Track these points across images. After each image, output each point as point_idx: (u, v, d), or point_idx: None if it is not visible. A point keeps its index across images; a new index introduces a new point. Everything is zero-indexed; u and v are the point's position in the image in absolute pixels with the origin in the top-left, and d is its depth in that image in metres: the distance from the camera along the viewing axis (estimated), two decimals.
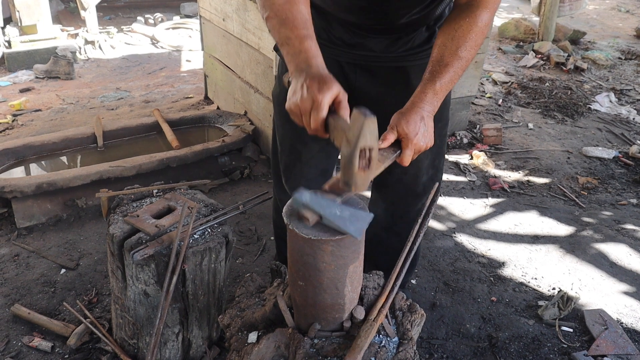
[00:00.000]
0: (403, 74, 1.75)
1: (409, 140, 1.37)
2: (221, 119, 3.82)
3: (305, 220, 1.20)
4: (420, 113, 1.40)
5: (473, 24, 1.44)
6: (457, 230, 3.05)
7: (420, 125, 1.39)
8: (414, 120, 1.38)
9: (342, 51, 1.75)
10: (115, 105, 4.68)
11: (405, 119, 1.38)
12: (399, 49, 1.72)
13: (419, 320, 1.50)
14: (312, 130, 1.26)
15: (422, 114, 1.40)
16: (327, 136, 1.26)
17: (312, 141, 1.90)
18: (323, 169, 1.98)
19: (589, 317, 2.41)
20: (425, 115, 1.40)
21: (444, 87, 1.43)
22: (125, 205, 1.99)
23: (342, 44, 1.73)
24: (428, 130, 1.41)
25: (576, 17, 8.09)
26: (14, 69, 5.56)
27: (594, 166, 3.91)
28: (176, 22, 7.39)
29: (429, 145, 1.43)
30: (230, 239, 1.93)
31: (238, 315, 1.55)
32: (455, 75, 1.44)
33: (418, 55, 1.73)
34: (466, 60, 1.44)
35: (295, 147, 1.95)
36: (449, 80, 1.43)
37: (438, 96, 1.43)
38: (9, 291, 2.41)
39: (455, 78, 1.45)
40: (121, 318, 1.99)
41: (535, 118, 4.71)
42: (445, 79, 1.42)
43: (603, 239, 3.04)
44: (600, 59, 6.24)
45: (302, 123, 1.29)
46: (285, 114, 1.88)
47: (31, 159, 3.28)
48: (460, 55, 1.43)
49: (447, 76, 1.42)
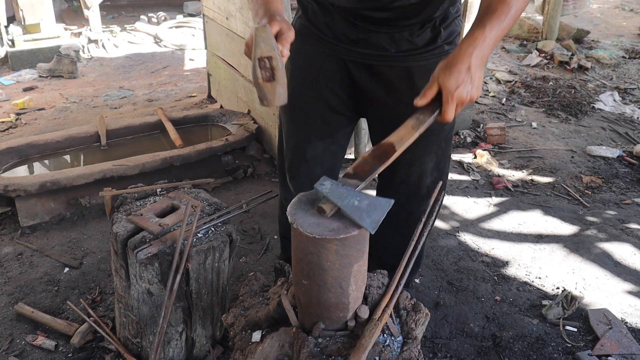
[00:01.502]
0: (407, 75, 1.73)
1: (449, 93, 1.30)
2: (224, 117, 3.82)
3: (323, 213, 1.21)
4: (467, 61, 1.31)
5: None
6: (460, 229, 3.04)
7: (465, 76, 1.31)
8: (458, 70, 1.30)
9: (346, 49, 1.73)
10: (118, 104, 4.68)
11: (449, 69, 1.31)
12: (402, 47, 1.69)
13: (424, 319, 1.50)
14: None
15: (470, 63, 1.31)
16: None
17: (317, 139, 1.90)
18: (328, 168, 1.96)
19: (593, 316, 2.41)
20: (473, 63, 1.31)
21: (494, 32, 1.33)
22: (128, 204, 1.99)
23: (346, 40, 1.72)
24: (474, 81, 1.32)
25: (580, 15, 8.06)
26: (17, 68, 5.57)
27: (598, 165, 3.90)
28: (179, 21, 7.40)
29: (473, 97, 1.35)
30: (233, 238, 1.92)
31: (242, 314, 1.55)
32: (505, 24, 1.34)
33: (422, 55, 1.70)
34: (516, 7, 1.34)
35: (300, 145, 1.94)
36: (499, 27, 1.34)
37: (487, 42, 1.33)
38: (12, 290, 2.41)
39: (505, 26, 1.34)
40: (125, 317, 1.99)
41: (539, 117, 4.70)
42: (495, 24, 1.33)
43: (607, 238, 3.02)
44: (604, 58, 6.22)
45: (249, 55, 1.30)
46: (290, 113, 1.89)
47: (34, 157, 3.28)
48: (510, 3, 1.33)
49: (496, 22, 1.33)
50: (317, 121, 1.88)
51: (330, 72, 1.80)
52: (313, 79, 1.83)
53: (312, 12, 1.78)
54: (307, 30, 1.78)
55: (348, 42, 1.72)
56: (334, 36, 1.73)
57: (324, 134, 1.91)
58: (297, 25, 1.82)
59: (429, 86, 1.34)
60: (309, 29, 1.78)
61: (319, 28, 1.76)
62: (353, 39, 1.70)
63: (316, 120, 1.88)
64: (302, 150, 1.94)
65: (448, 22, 1.71)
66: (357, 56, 1.73)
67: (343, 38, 1.72)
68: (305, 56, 1.80)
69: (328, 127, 1.90)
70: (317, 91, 1.84)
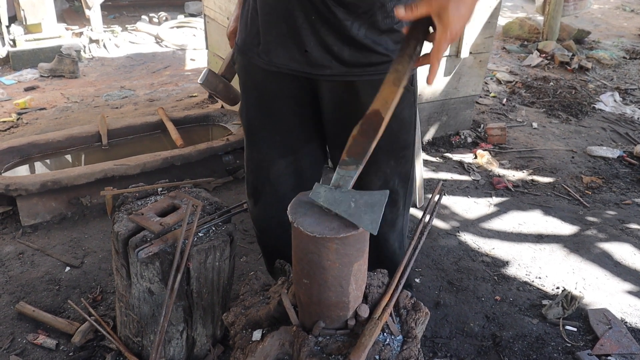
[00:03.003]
0: (352, 91, 1.56)
1: (448, 18, 1.11)
2: (225, 117, 3.82)
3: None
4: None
5: None
6: (461, 229, 3.05)
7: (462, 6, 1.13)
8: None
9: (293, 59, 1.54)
10: (119, 103, 4.69)
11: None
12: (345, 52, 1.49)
13: (423, 318, 1.50)
14: None
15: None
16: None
17: (279, 159, 1.77)
18: (295, 185, 1.80)
19: (593, 316, 2.41)
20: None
21: None
22: (129, 204, 2.00)
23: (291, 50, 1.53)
24: (459, 7, 1.13)
25: (580, 16, 8.06)
26: (18, 68, 5.57)
27: (598, 165, 3.90)
28: (180, 21, 7.39)
29: (461, 31, 1.17)
30: (234, 237, 1.93)
31: (242, 313, 1.55)
32: None
33: (366, 69, 1.51)
34: None
35: (262, 167, 1.81)
36: None
37: None
38: (14, 289, 2.42)
39: None
40: (125, 316, 1.99)
41: (540, 117, 4.71)
42: None
43: (607, 239, 3.03)
44: (604, 59, 6.22)
45: None
46: (249, 132, 1.77)
47: (36, 157, 3.29)
48: None
49: None
50: (276, 141, 1.74)
51: (284, 90, 1.65)
52: (266, 96, 1.69)
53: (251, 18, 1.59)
54: (251, 45, 1.62)
55: (294, 51, 1.53)
56: (278, 49, 1.55)
57: (286, 153, 1.76)
58: (240, 40, 1.68)
59: (418, 2, 1.14)
60: (252, 44, 1.61)
61: (259, 43, 1.58)
62: (300, 46, 1.52)
63: (275, 140, 1.74)
64: (265, 171, 1.80)
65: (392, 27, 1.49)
66: (306, 69, 1.55)
67: (287, 48, 1.54)
68: (254, 72, 1.66)
69: (288, 146, 1.76)
70: (272, 110, 1.70)
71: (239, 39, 1.68)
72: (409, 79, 1.23)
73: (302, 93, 1.65)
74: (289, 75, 1.58)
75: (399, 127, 1.60)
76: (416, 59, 1.21)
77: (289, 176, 1.81)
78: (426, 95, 3.88)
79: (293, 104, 1.68)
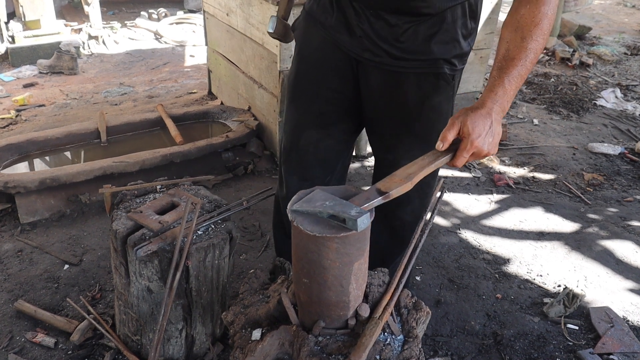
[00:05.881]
0: (398, 81, 1.68)
1: (470, 140, 1.28)
2: (225, 114, 3.81)
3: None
4: (490, 114, 1.30)
5: (536, 11, 1.34)
6: (461, 226, 3.04)
7: (487, 127, 1.30)
8: (482, 119, 1.29)
9: (349, 41, 1.68)
10: (118, 100, 4.67)
11: (473, 117, 1.29)
12: (399, 47, 1.62)
13: (424, 318, 1.49)
14: None
15: (492, 116, 1.31)
16: None
17: (311, 128, 1.86)
18: (322, 159, 1.91)
19: (595, 314, 2.40)
20: (494, 117, 1.31)
21: (513, 83, 1.34)
22: (128, 201, 1.98)
23: (349, 31, 1.67)
24: (494, 136, 1.32)
25: (582, 12, 8.04)
26: (17, 64, 5.56)
27: (599, 162, 3.89)
28: (180, 17, 7.37)
29: (491, 152, 1.34)
30: (234, 235, 1.91)
31: (242, 312, 1.54)
32: (524, 69, 1.34)
33: (412, 63, 1.63)
34: (534, 51, 1.34)
35: (295, 131, 1.91)
36: (518, 75, 1.34)
37: (508, 95, 1.34)
38: (12, 287, 2.41)
39: (524, 72, 1.35)
40: (124, 314, 1.98)
41: (541, 114, 4.69)
42: (513, 75, 1.33)
43: (609, 236, 3.02)
44: (605, 55, 6.20)
45: None
46: (291, 95, 1.89)
47: (35, 154, 3.27)
48: (527, 47, 1.33)
49: (515, 71, 1.33)
50: (314, 110, 1.85)
51: (332, 62, 1.75)
52: (316, 65, 1.80)
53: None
54: (317, 14, 1.74)
55: (351, 34, 1.66)
56: (337, 23, 1.68)
57: (319, 124, 1.86)
58: (308, 6, 1.79)
59: (448, 127, 1.31)
60: (318, 14, 1.74)
61: (326, 14, 1.72)
62: (357, 28, 1.64)
63: (312, 109, 1.85)
64: (296, 136, 1.91)
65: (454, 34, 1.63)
66: (357, 51, 1.68)
67: (343, 26, 1.67)
68: (312, 40, 1.78)
69: (322, 118, 1.86)
70: (317, 79, 1.80)
71: (308, 4, 1.80)
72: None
73: (347, 70, 1.74)
74: (341, 51, 1.70)
75: (436, 117, 1.68)
76: (447, 160, 1.34)
77: (316, 148, 1.89)
78: None
79: (337, 78, 1.76)
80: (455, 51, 1.63)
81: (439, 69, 1.63)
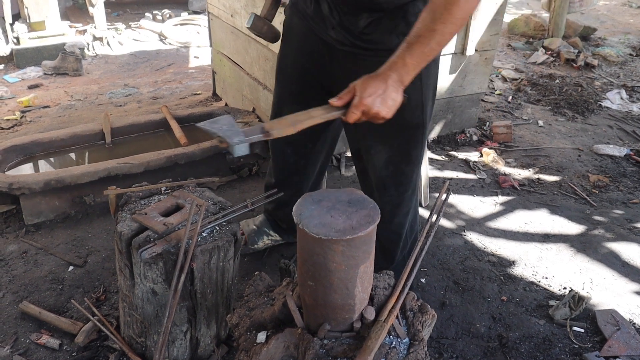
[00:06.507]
0: (360, 62, 1.83)
1: (360, 97, 1.44)
2: (229, 115, 3.81)
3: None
4: (385, 80, 1.45)
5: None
6: (466, 228, 3.03)
7: (380, 90, 1.44)
8: (374, 83, 1.45)
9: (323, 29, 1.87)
10: (123, 101, 4.68)
11: (366, 80, 1.46)
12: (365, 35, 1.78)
13: (430, 321, 1.48)
14: None
15: (388, 82, 1.45)
16: None
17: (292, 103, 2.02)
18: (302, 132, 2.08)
19: (601, 317, 2.39)
20: (390, 83, 1.45)
21: (414, 59, 1.46)
22: (133, 203, 1.98)
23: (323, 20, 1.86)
24: (387, 101, 1.46)
25: (586, 13, 8.02)
26: (22, 66, 5.57)
27: (605, 164, 3.87)
28: (184, 19, 7.38)
29: (381, 113, 1.47)
30: (238, 237, 1.91)
31: (247, 315, 1.53)
32: (428, 48, 1.45)
33: (371, 52, 1.79)
34: (442, 34, 1.44)
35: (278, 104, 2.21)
36: (421, 53, 1.45)
37: (408, 68, 1.46)
38: (17, 288, 2.41)
39: (428, 51, 1.45)
40: (129, 316, 1.98)
41: (546, 115, 4.67)
42: (416, 52, 1.45)
43: (615, 238, 3.00)
44: (611, 56, 6.18)
45: None
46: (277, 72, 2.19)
47: (39, 155, 3.28)
48: (435, 29, 1.43)
49: (418, 49, 1.45)
50: (293, 87, 2.11)
51: (310, 47, 1.96)
52: (297, 48, 2.03)
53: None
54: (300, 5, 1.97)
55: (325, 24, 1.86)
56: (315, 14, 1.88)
57: (298, 101, 1.99)
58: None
59: (346, 91, 1.49)
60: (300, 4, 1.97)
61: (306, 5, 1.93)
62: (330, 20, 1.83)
63: (292, 87, 2.11)
64: (279, 108, 2.17)
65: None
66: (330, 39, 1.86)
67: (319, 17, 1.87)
68: (294, 27, 2.01)
69: (300, 96, 2.07)
70: (297, 60, 2.03)
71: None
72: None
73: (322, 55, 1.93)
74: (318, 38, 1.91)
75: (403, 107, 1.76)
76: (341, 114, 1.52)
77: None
78: None
79: (314, 61, 1.97)
80: None
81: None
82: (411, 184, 2.05)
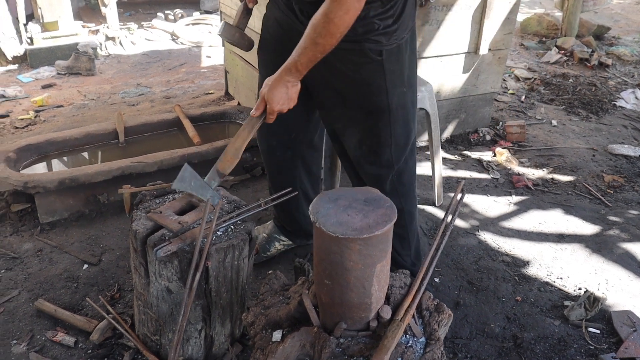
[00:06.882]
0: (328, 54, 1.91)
1: (271, 107, 1.80)
2: (242, 114, 3.81)
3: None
4: (285, 84, 1.78)
5: (323, 13, 1.62)
6: (480, 228, 3.01)
7: (283, 94, 1.79)
8: (278, 90, 1.78)
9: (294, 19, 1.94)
10: (136, 101, 4.70)
11: (271, 89, 1.79)
12: None
13: (446, 320, 1.47)
14: None
15: (288, 85, 1.78)
16: None
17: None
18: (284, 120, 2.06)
19: (617, 318, 2.36)
20: (289, 85, 1.79)
21: (304, 65, 1.74)
22: (148, 202, 1.99)
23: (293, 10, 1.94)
24: (290, 97, 1.81)
25: (600, 12, 7.96)
26: (36, 65, 5.62)
27: (619, 164, 3.84)
28: (196, 18, 7.41)
29: (290, 107, 1.83)
30: (253, 236, 1.91)
31: (262, 313, 1.53)
32: (314, 56, 1.71)
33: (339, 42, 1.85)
34: (323, 45, 1.67)
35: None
36: (308, 60, 1.72)
37: (300, 71, 1.75)
38: (32, 286, 2.43)
39: (314, 57, 1.71)
40: (144, 314, 1.99)
41: (559, 115, 4.64)
42: (304, 60, 1.72)
43: (630, 239, 2.97)
44: (625, 55, 6.13)
45: None
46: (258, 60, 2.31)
47: (53, 154, 3.30)
48: (317, 42, 1.67)
49: (305, 58, 1.71)
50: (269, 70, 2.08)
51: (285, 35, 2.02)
52: (273, 36, 2.13)
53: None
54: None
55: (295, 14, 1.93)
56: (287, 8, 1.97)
57: None
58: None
59: (259, 101, 1.82)
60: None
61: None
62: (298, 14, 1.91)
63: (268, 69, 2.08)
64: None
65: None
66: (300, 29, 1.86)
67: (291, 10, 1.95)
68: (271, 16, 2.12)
69: None
70: (274, 48, 2.13)
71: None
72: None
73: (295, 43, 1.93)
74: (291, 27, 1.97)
75: (367, 89, 1.93)
76: (263, 120, 1.86)
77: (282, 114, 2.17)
78: (444, 93, 3.84)
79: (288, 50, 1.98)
80: (377, 30, 1.81)
81: (362, 47, 1.83)
82: (384, 161, 2.09)
